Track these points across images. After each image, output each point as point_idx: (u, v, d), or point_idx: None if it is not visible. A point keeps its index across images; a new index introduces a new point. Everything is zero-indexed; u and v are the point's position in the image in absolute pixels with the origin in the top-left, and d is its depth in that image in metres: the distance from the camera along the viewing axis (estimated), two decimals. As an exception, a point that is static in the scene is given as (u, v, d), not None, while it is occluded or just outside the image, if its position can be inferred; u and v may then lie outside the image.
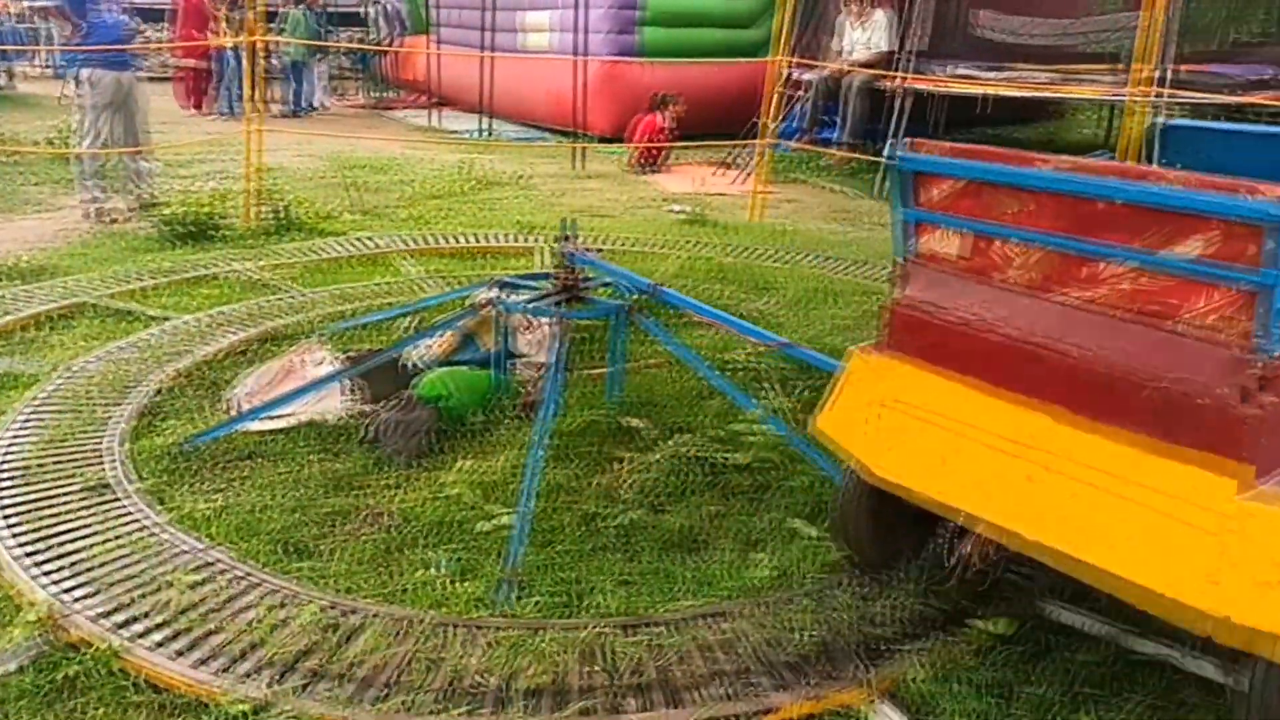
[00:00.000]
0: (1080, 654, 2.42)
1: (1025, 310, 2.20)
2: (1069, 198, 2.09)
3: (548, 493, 3.12)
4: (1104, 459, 2.05)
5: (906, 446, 2.37)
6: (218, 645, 2.38)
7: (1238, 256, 1.86)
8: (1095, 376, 2.08)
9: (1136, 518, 1.98)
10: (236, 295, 5.12)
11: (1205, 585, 1.87)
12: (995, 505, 2.20)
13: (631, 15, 11.11)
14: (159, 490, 3.13)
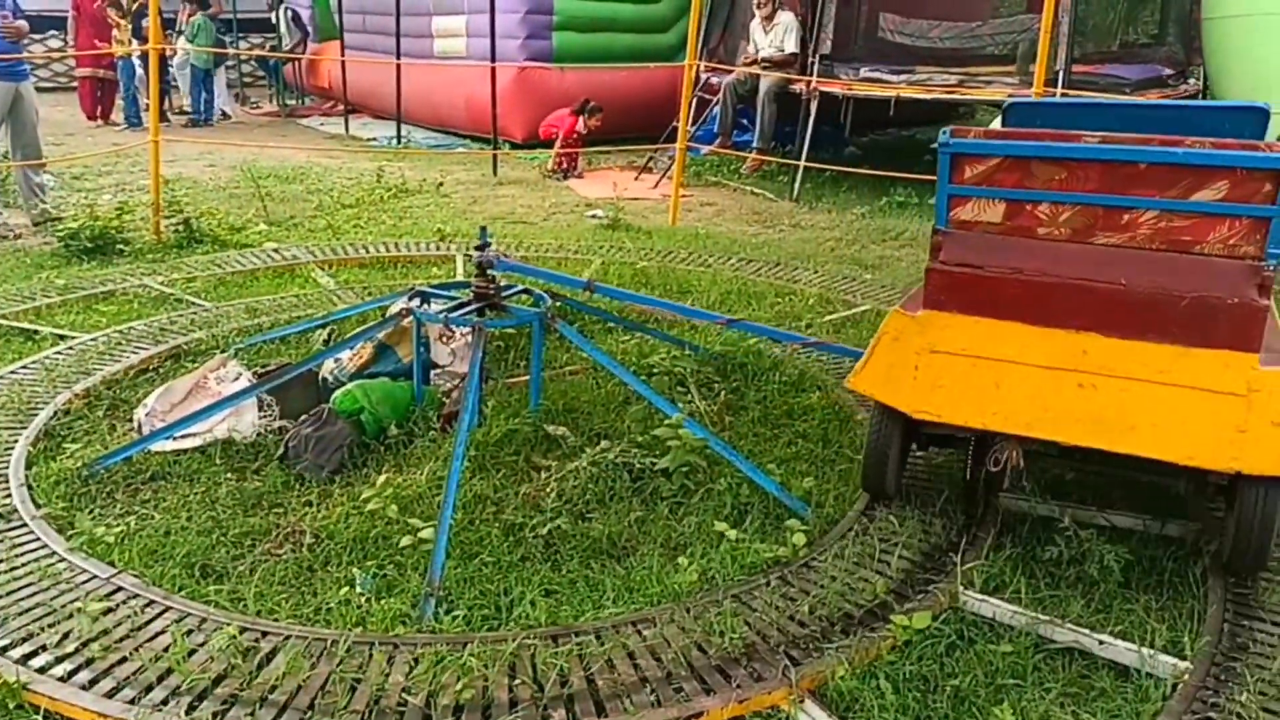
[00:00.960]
0: (998, 645, 2.50)
1: (1067, 256, 2.75)
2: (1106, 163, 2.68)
3: (470, 504, 3.10)
4: (1143, 366, 2.67)
5: (955, 385, 2.84)
6: (128, 674, 2.31)
7: (1253, 196, 2.56)
8: (1131, 301, 2.68)
9: (1176, 402, 2.63)
10: (142, 311, 4.95)
11: (1234, 435, 2.56)
12: (1051, 418, 2.73)
13: (545, 20, 11.09)
14: (63, 516, 3.02)
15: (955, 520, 3.10)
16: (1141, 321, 2.68)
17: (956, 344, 2.86)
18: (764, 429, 3.77)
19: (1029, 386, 2.77)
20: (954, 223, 2.88)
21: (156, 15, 6.78)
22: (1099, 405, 2.70)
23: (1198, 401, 2.62)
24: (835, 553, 2.88)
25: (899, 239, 7.30)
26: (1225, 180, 2.58)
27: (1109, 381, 2.70)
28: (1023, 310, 2.79)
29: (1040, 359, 2.77)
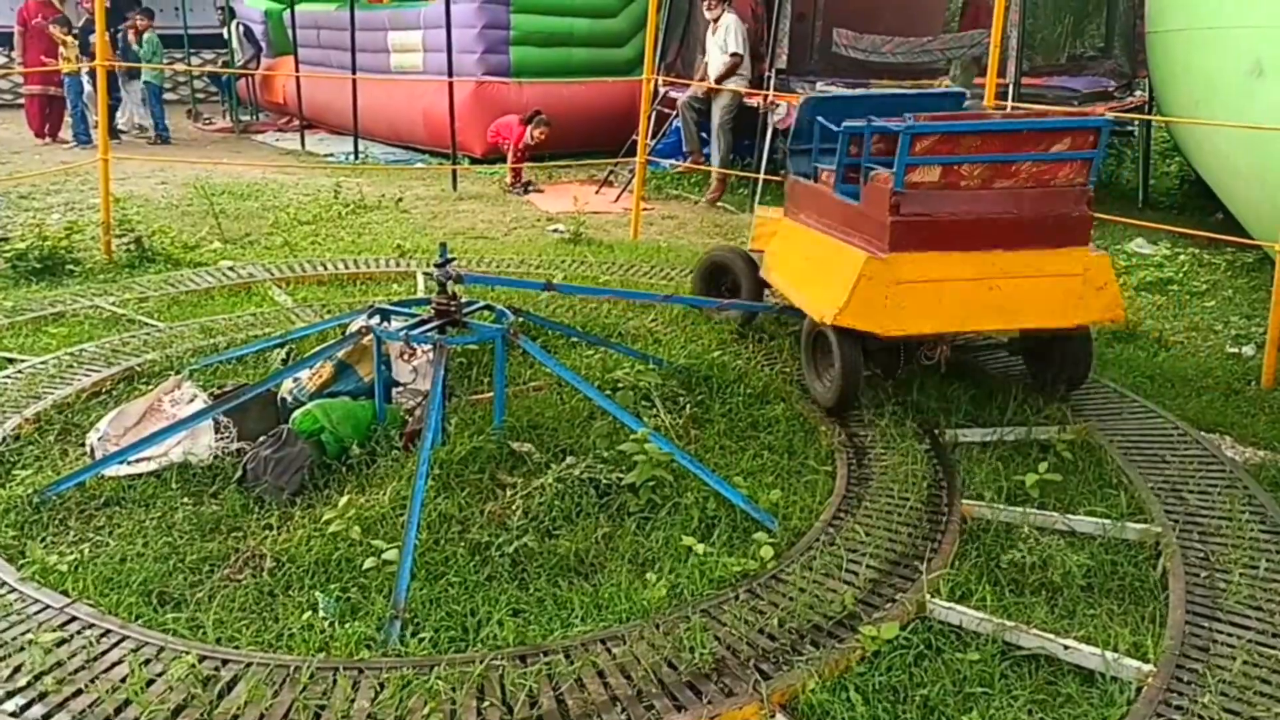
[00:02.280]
0: (965, 653, 2.52)
1: (980, 200, 3.84)
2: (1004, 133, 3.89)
3: (435, 524, 3.06)
4: (1027, 266, 3.85)
5: (913, 305, 3.76)
6: (84, 707, 2.25)
7: (1084, 145, 3.86)
8: (1019, 223, 3.86)
9: (1047, 287, 3.86)
10: (93, 333, 4.84)
11: (1077, 301, 3.87)
12: (975, 315, 3.87)
13: (502, 35, 11.08)
14: (13, 545, 2.94)
15: (921, 529, 3.12)
16: (1026, 237, 3.86)
17: (914, 274, 3.76)
18: (730, 442, 3.77)
19: (961, 296, 3.81)
20: (907, 185, 3.75)
21: (104, 32, 6.67)
22: (1003, 299, 3.83)
23: (1058, 284, 3.86)
24: (803, 564, 2.89)
25: (858, 250, 7.37)
26: (1069, 137, 3.85)
27: (1008, 281, 3.83)
28: (955, 241, 3.80)
29: (967, 274, 3.80)
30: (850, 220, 4.03)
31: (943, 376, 4.33)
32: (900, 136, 3.67)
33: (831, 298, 3.84)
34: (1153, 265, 6.64)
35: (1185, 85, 7.16)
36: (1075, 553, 2.96)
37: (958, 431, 3.88)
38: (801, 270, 4.36)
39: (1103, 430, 3.87)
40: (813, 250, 4.29)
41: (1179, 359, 4.94)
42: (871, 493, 3.34)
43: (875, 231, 3.83)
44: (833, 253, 4.07)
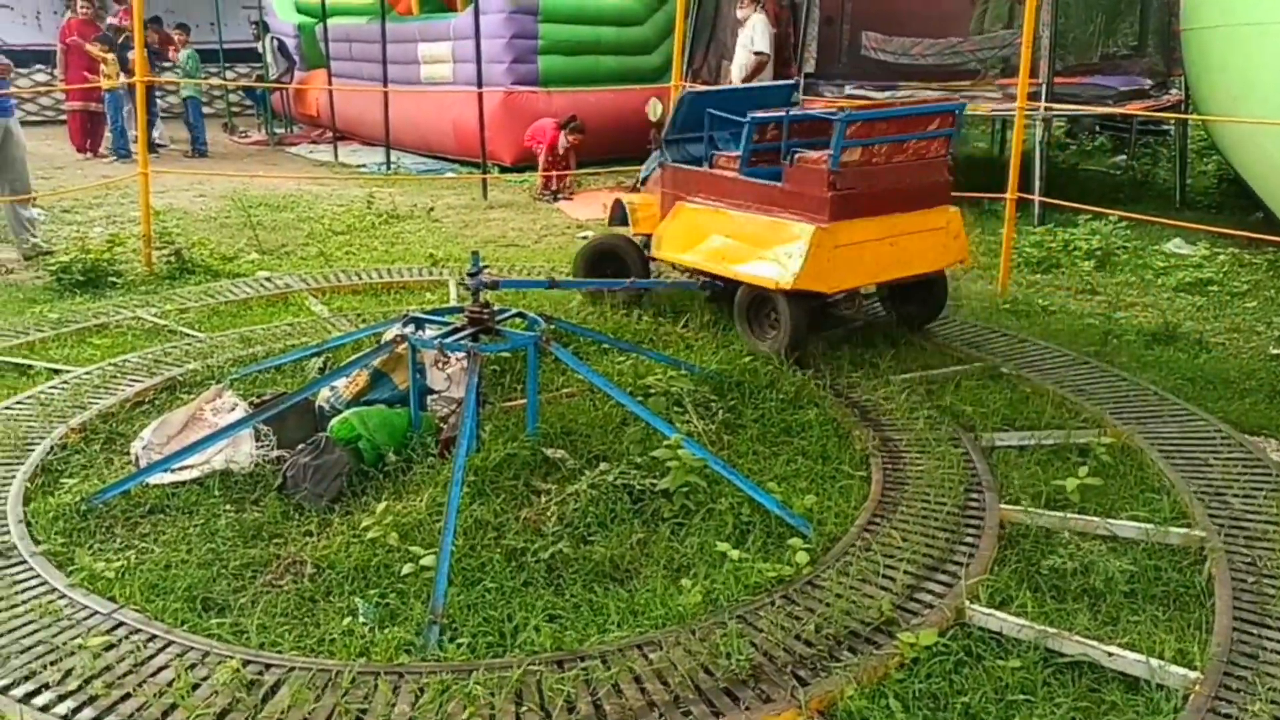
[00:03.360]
0: (1006, 660, 2.49)
1: (885, 174, 4.62)
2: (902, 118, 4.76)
3: (471, 530, 3.08)
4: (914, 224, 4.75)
5: (846, 265, 4.52)
6: (131, 711, 2.29)
7: (947, 125, 4.77)
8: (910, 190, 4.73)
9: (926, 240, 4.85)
10: (136, 343, 4.94)
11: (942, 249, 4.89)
12: (884, 268, 4.73)
13: (530, 45, 11.16)
14: (62, 552, 3.00)
15: (958, 534, 3.10)
16: (912, 201, 4.71)
17: (846, 239, 4.50)
18: (762, 447, 3.77)
19: (874, 253, 4.62)
20: (841, 165, 4.43)
21: (142, 48, 6.80)
22: (900, 253, 4.69)
23: (933, 236, 4.82)
24: (839, 570, 2.88)
25: (889, 254, 7.33)
26: (939, 119, 4.77)
27: (903, 238, 4.67)
28: (869, 209, 4.57)
29: (878, 235, 4.59)
30: (773, 198, 4.67)
31: (979, 383, 4.30)
32: (837, 124, 4.40)
33: (784, 266, 4.46)
34: (1191, 266, 6.54)
35: (1222, 82, 7.05)
36: (1117, 558, 2.93)
37: (994, 435, 3.84)
38: (726, 247, 4.84)
39: (1143, 434, 3.81)
40: (736, 227, 4.81)
41: (1220, 361, 4.86)
42: (907, 498, 3.32)
43: (812, 206, 4.50)
44: (767, 228, 4.64)
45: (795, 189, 4.56)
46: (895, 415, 3.98)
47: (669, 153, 5.27)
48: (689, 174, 5.12)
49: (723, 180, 4.93)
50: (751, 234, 4.71)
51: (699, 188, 5.04)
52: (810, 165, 4.52)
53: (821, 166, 4.46)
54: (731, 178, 4.89)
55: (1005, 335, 5.12)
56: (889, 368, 4.61)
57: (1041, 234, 7.32)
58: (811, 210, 4.48)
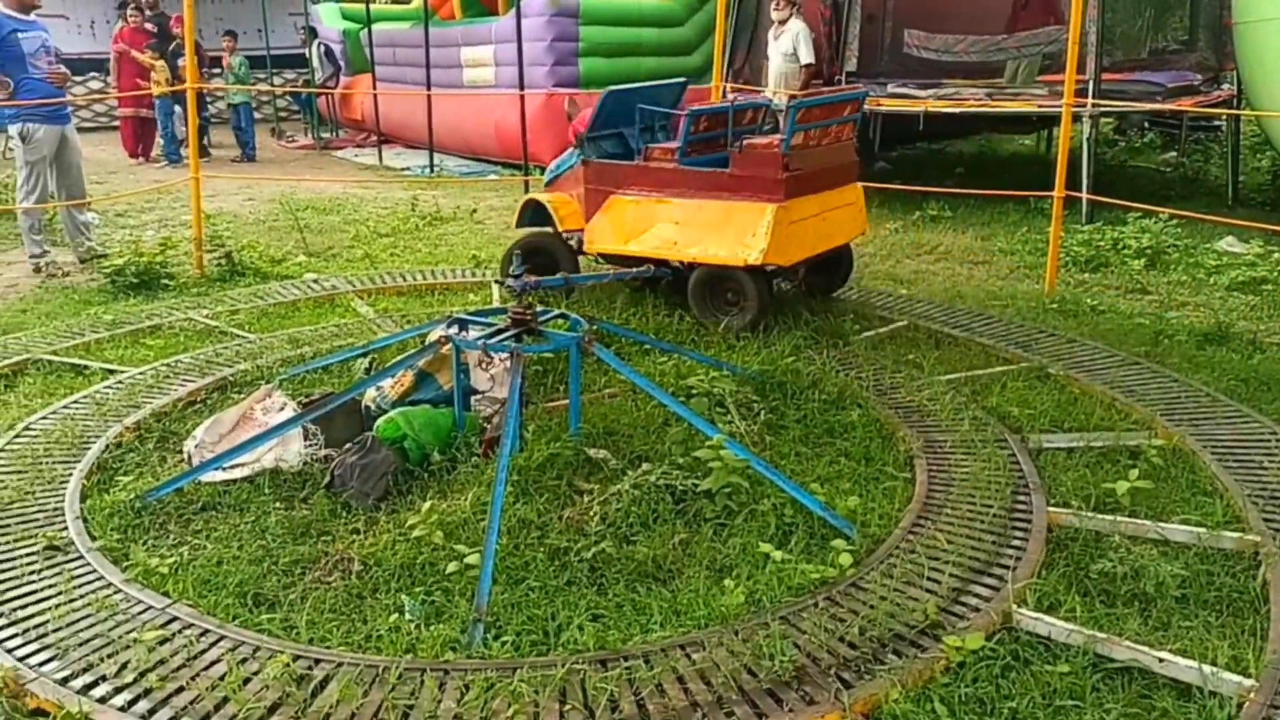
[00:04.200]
0: (1054, 665, 2.46)
1: (817, 155, 5.06)
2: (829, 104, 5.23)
3: (514, 529, 3.11)
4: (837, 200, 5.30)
5: (795, 239, 4.95)
6: (185, 704, 2.33)
7: (855, 112, 5.37)
8: (833, 170, 5.25)
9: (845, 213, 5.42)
10: (188, 344, 5.05)
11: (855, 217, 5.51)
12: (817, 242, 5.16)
13: (571, 47, 11.22)
14: (118, 548, 3.07)
15: (1005, 537, 3.06)
16: (835, 179, 5.23)
17: (797, 216, 4.91)
18: (805, 448, 3.75)
19: (813, 228, 5.06)
20: (791, 148, 4.82)
21: (194, 55, 6.95)
22: (829, 227, 5.20)
23: (848, 210, 5.38)
24: (883, 572, 2.86)
25: (934, 253, 7.26)
26: (850, 106, 5.31)
27: (831, 213, 5.20)
28: (810, 188, 4.99)
29: (815, 211, 5.05)
30: (720, 184, 4.99)
31: (1026, 384, 4.24)
32: (790, 111, 4.90)
33: (748, 244, 4.85)
34: (1244, 264, 6.40)
35: (1277, 77, 6.88)
36: (1169, 563, 2.87)
37: (1042, 437, 3.79)
38: (675, 233, 5.12)
39: (1195, 436, 3.74)
40: (685, 214, 5.09)
41: (1275, 361, 4.74)
42: (953, 500, 3.29)
43: (768, 187, 4.85)
44: (721, 211, 4.97)
45: (747, 173, 4.90)
46: (940, 416, 3.94)
47: (590, 149, 5.47)
48: (620, 168, 5.35)
49: (662, 171, 5.18)
50: (704, 219, 5.02)
51: (633, 180, 5.26)
52: (763, 150, 4.92)
53: (775, 150, 4.87)
54: (672, 168, 5.15)
55: (1053, 335, 5.05)
56: (933, 368, 4.56)
57: (1090, 232, 7.20)
58: (767, 191, 4.85)
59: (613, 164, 5.42)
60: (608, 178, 5.36)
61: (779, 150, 4.85)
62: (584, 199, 5.46)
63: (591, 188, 5.41)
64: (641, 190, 5.24)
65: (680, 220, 5.11)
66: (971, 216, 8.42)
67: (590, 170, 5.42)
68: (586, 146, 5.49)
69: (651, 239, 5.20)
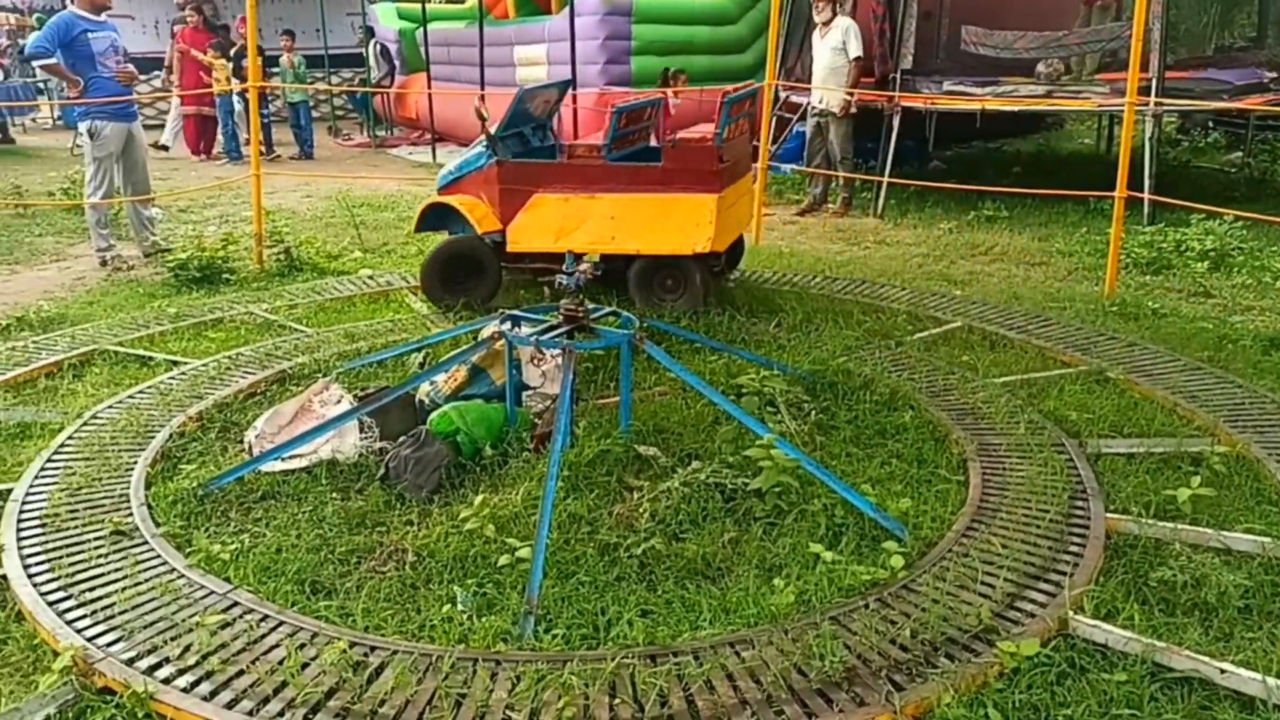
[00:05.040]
0: (1111, 673, 2.42)
1: (732, 146, 5.31)
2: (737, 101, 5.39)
3: (565, 524, 3.13)
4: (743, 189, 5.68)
5: (726, 225, 5.26)
6: (246, 686, 2.40)
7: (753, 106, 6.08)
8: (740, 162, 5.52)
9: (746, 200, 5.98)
10: (248, 337, 5.17)
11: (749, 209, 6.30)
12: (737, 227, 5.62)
13: (623, 45, 11.25)
14: (181, 534, 3.16)
15: (1061, 542, 3.01)
16: (740, 170, 5.53)
17: (729, 204, 5.24)
18: (856, 449, 3.73)
19: (732, 215, 5.36)
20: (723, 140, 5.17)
21: (255, 54, 7.11)
22: (739, 213, 5.60)
23: (748, 198, 5.90)
24: (935, 575, 2.83)
25: (989, 253, 7.15)
26: (751, 101, 5.66)
27: (739, 200, 5.54)
28: (731, 178, 5.28)
29: (733, 200, 5.34)
30: (653, 178, 5.15)
31: (1084, 387, 4.16)
32: (723, 105, 5.21)
33: (695, 234, 5.13)
34: (1316, 268, 6.21)
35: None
36: (1231, 572, 2.80)
37: (1100, 442, 3.72)
38: (611, 227, 5.23)
39: (1260, 443, 3.64)
40: (619, 209, 5.21)
41: (1347, 368, 4.59)
42: (1008, 504, 3.24)
43: (704, 179, 5.08)
44: (660, 204, 5.15)
45: (682, 166, 5.11)
46: (995, 419, 3.88)
47: (503, 149, 5.45)
48: (543, 167, 5.40)
49: (589, 168, 5.32)
50: (641, 212, 5.19)
51: (559, 178, 5.31)
52: (697, 144, 5.27)
53: (709, 144, 5.18)
54: (601, 165, 5.33)
55: (1113, 338, 4.94)
56: (988, 370, 4.50)
57: (1152, 234, 7.04)
58: (704, 183, 5.08)
59: (533, 163, 5.45)
60: (528, 177, 5.35)
61: (713, 144, 5.14)
62: (499, 200, 5.41)
63: (509, 187, 5.38)
64: (568, 188, 5.27)
65: (616, 215, 5.22)
66: (1029, 217, 8.28)
67: (506, 170, 5.38)
68: (500, 146, 5.46)
69: (585, 235, 5.26)
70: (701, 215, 5.10)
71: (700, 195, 5.09)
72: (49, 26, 6.70)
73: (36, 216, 8.71)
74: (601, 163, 5.37)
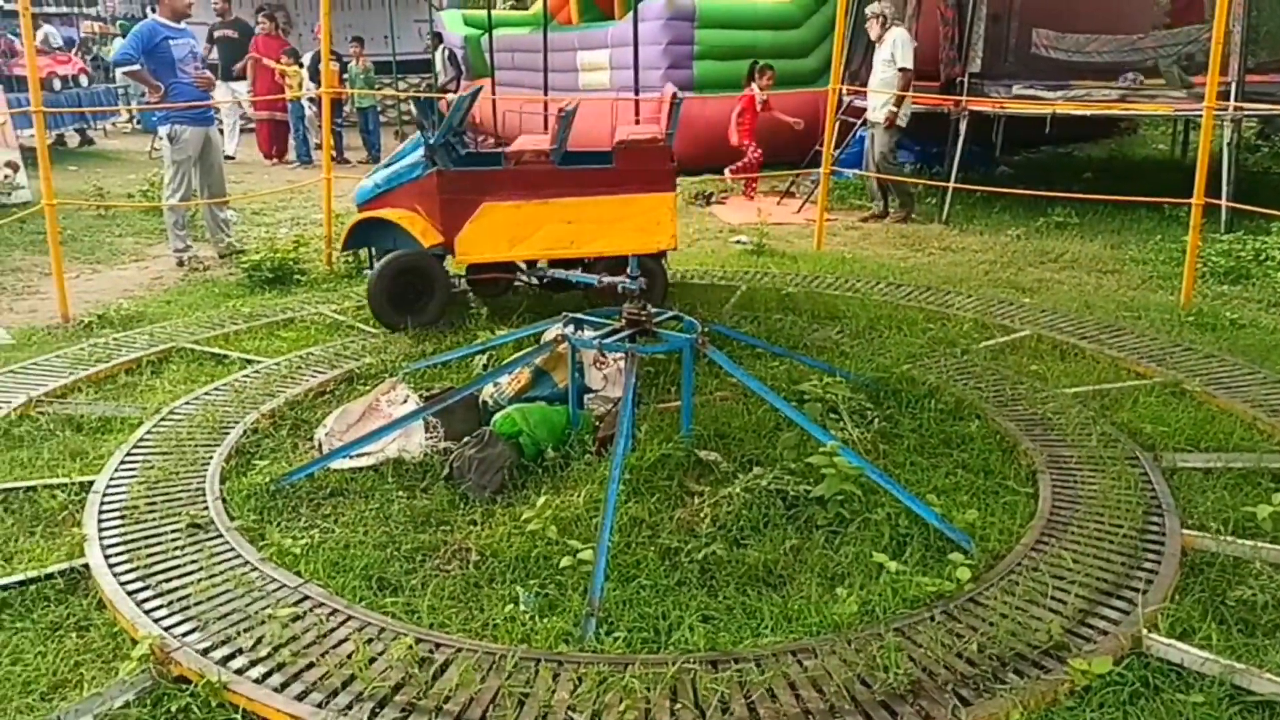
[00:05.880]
0: (1187, 694, 2.35)
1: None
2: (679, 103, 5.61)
3: (626, 527, 3.15)
4: None
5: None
6: (316, 679, 2.45)
7: None
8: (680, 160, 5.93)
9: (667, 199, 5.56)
10: (319, 337, 5.29)
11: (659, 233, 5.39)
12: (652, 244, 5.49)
13: (686, 50, 11.25)
14: (254, 528, 3.25)
15: (1135, 558, 2.93)
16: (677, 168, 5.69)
17: None
18: (921, 458, 3.68)
19: None
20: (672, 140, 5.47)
21: (329, 61, 7.27)
22: None
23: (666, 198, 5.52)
24: (1003, 589, 2.78)
25: (1059, 261, 7.00)
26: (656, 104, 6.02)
27: None
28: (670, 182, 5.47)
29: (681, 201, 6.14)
30: (606, 180, 5.20)
31: (1160, 399, 4.05)
32: (676, 105, 5.41)
33: (657, 232, 5.30)
34: None
35: None
36: (1317, 593, 2.70)
37: (1176, 456, 3.61)
38: (569, 232, 5.24)
39: (1348, 461, 3.50)
40: (576, 213, 5.21)
41: None
42: (1079, 518, 3.17)
43: (658, 178, 5.24)
44: (618, 205, 5.22)
45: (634, 167, 5.21)
46: (1066, 430, 3.80)
47: (442, 158, 5.26)
48: (490, 174, 5.26)
49: (538, 173, 5.26)
50: (599, 215, 5.23)
51: (508, 185, 5.22)
52: (647, 145, 5.27)
53: (660, 144, 5.28)
54: (550, 169, 5.26)
55: (1189, 349, 4.80)
56: (1059, 380, 4.40)
57: (1230, 242, 6.82)
58: (657, 182, 5.25)
59: (478, 171, 5.28)
60: (472, 186, 5.21)
61: (664, 144, 5.29)
62: (440, 211, 5.23)
63: (451, 198, 5.21)
64: (518, 195, 5.20)
65: (573, 219, 5.23)
66: (1100, 224, 8.08)
67: (447, 180, 5.21)
68: (440, 154, 5.26)
69: (542, 241, 5.28)
70: (661, 214, 5.27)
71: (655, 194, 5.23)
72: (133, 34, 6.95)
73: (117, 217, 9.02)
74: (550, 167, 5.28)
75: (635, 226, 5.27)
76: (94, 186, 9.84)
